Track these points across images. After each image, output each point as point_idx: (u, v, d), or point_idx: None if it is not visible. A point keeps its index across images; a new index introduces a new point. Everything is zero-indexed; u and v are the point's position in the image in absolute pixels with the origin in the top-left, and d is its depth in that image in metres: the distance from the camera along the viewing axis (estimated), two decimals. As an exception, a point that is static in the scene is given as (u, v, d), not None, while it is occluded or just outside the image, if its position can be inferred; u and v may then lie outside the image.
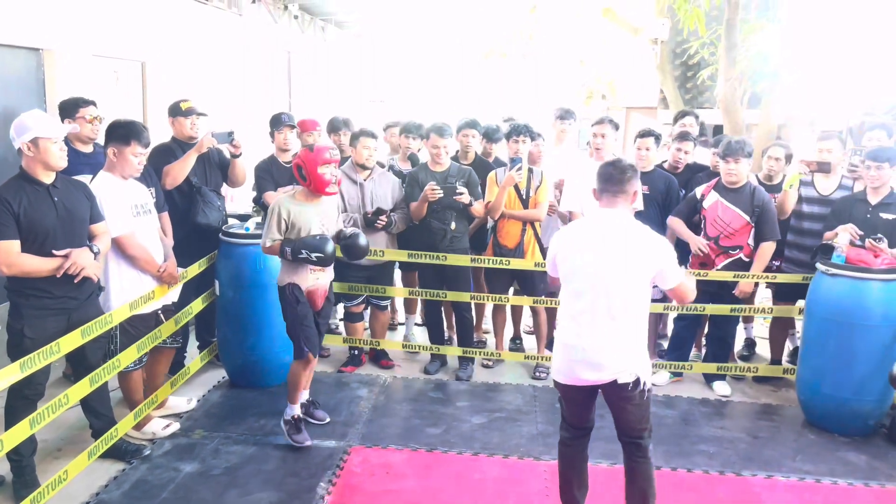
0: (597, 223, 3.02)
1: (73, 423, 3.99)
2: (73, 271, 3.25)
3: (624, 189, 2.98)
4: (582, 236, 3.01)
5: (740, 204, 4.62)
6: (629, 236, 2.92)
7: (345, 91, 12.88)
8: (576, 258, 2.95)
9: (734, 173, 4.62)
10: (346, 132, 5.55)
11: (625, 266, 2.86)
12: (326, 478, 3.61)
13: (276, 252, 3.83)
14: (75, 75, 5.38)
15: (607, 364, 2.89)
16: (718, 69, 10.32)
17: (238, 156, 4.74)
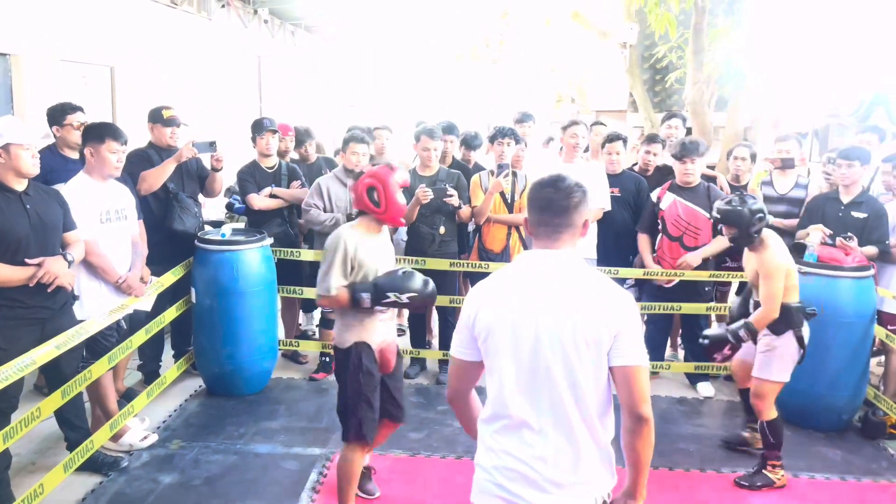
0: (531, 272, 1.97)
1: (48, 436, 3.90)
2: (47, 280, 3.17)
3: (570, 220, 1.98)
4: (509, 293, 1.96)
5: (698, 202, 4.71)
6: (579, 290, 1.91)
7: (316, 95, 12.81)
8: (501, 326, 1.94)
9: (690, 173, 4.71)
10: (311, 143, 5.54)
11: (573, 335, 1.87)
12: (310, 485, 3.57)
13: (340, 303, 3.03)
14: (43, 80, 5.27)
15: (558, 480, 1.92)
16: (686, 73, 10.49)
17: (220, 170, 4.67)
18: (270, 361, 4.79)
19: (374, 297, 3.00)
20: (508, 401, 1.94)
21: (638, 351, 1.91)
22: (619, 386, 1.93)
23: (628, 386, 1.91)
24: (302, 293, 5.17)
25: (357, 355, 3.08)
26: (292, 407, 4.52)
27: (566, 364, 1.88)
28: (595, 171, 5.13)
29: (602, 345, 1.88)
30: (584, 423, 1.91)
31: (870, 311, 4.24)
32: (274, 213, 4.99)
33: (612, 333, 1.88)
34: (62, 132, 4.20)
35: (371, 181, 3.07)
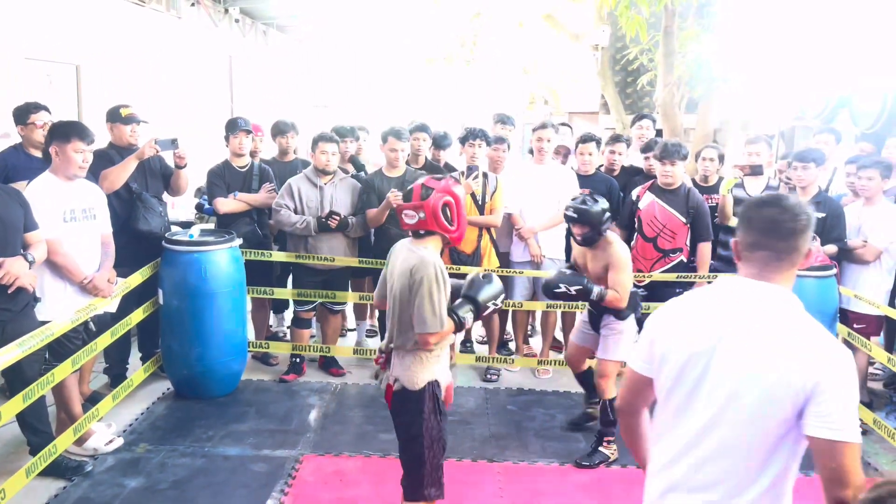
0: (734, 304, 1.75)
1: (9, 441, 3.82)
2: (7, 281, 3.12)
3: (796, 244, 1.73)
4: (704, 326, 1.75)
5: (676, 205, 4.74)
6: (790, 336, 1.67)
7: (288, 96, 12.73)
8: (691, 362, 1.75)
9: (670, 175, 4.74)
10: (293, 135, 5.47)
11: (770, 386, 1.64)
12: (278, 487, 3.55)
13: (446, 334, 2.74)
14: (7, 78, 5.17)
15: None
16: (657, 75, 10.59)
17: (183, 167, 4.62)
18: (240, 363, 4.74)
19: (475, 314, 2.83)
20: (685, 437, 1.77)
21: (850, 423, 1.60)
22: (819, 460, 1.61)
23: (834, 462, 1.59)
24: (272, 294, 5.13)
25: (433, 395, 2.76)
26: (262, 409, 4.48)
27: (747, 421, 1.65)
28: (565, 173, 5.16)
29: (790, 402, 1.62)
30: (762, 475, 1.67)
31: (832, 310, 4.32)
32: (242, 214, 4.94)
33: (815, 396, 1.60)
34: (26, 131, 4.15)
35: (448, 199, 2.77)
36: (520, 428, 4.32)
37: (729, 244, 4.98)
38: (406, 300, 2.69)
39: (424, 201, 2.74)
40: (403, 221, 2.80)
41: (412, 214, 2.76)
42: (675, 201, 4.74)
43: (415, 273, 2.65)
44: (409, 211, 2.77)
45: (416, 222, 2.76)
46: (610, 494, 3.62)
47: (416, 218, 2.76)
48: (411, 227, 2.80)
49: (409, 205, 2.76)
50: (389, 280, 2.83)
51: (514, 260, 5.08)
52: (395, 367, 2.79)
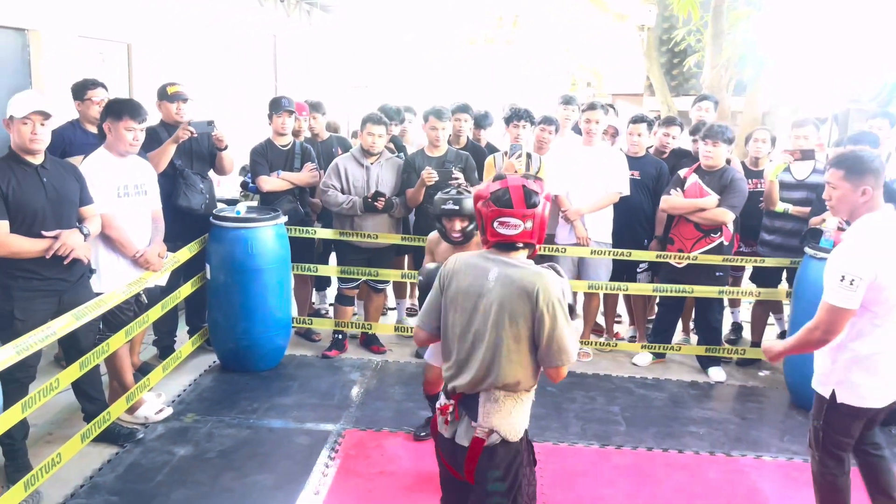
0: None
1: (64, 408, 3.96)
2: (63, 252, 3.21)
3: None
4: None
5: (714, 185, 4.68)
6: None
7: (330, 76, 12.78)
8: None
9: (711, 156, 4.67)
10: (317, 116, 5.52)
11: None
12: (322, 460, 3.62)
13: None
14: (61, 56, 5.29)
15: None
16: (704, 56, 10.37)
17: (223, 149, 4.67)
18: (284, 338, 4.83)
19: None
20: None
21: None
22: None
23: None
24: (316, 271, 5.20)
25: (529, 446, 2.40)
26: (305, 383, 4.56)
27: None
28: (615, 155, 5.10)
29: None
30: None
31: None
32: (285, 192, 5.00)
33: None
34: (83, 107, 4.27)
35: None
36: (560, 409, 4.32)
37: (774, 229, 4.92)
38: (518, 328, 2.19)
39: (533, 209, 2.25)
40: (493, 231, 2.26)
41: (515, 224, 2.24)
42: (714, 182, 4.68)
43: (540, 295, 2.16)
44: (509, 219, 2.24)
45: (518, 233, 2.25)
46: (648, 477, 3.61)
47: (521, 228, 2.24)
48: (507, 239, 2.26)
49: (513, 212, 2.23)
50: (464, 303, 2.28)
51: (559, 242, 5.06)
52: (486, 416, 2.25)
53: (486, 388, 2.24)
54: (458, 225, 3.41)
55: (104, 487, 3.30)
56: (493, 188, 2.30)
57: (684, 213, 4.76)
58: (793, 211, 4.81)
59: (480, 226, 2.33)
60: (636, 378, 4.84)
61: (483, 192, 2.32)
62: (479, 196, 2.34)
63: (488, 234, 2.29)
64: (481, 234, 2.35)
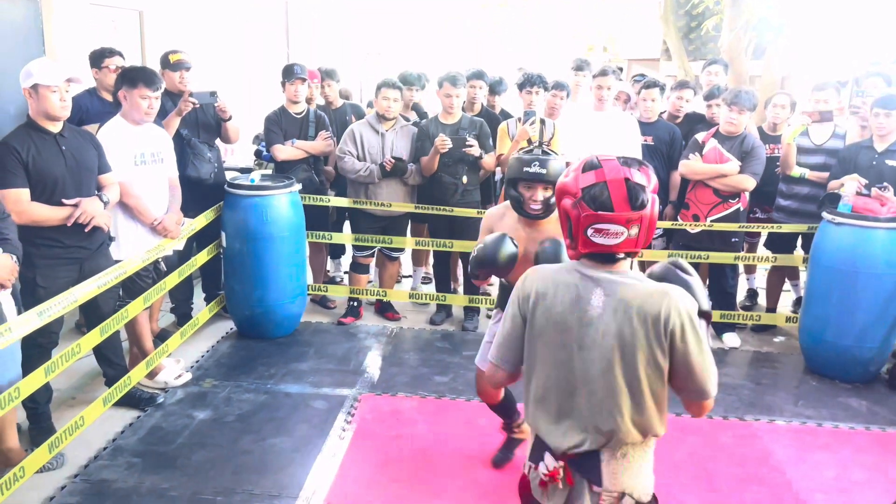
0: None
1: (86, 373, 4.05)
2: (84, 220, 3.25)
3: None
4: None
5: (734, 151, 4.64)
6: None
7: (343, 43, 12.68)
8: None
9: (735, 122, 4.61)
10: (330, 83, 5.49)
11: None
12: (339, 424, 3.68)
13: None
14: (73, 24, 5.28)
15: None
16: (723, 19, 10.17)
17: (226, 119, 4.66)
18: (299, 305, 4.88)
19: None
20: None
21: None
22: None
23: None
24: (331, 238, 5.22)
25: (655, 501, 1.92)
26: (321, 350, 4.62)
27: None
28: (627, 119, 5.05)
29: None
30: None
31: (903, 263, 4.17)
32: (299, 161, 5.00)
33: None
34: (100, 75, 4.29)
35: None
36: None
37: (790, 194, 4.87)
38: (648, 365, 1.74)
39: (640, 211, 1.70)
40: (587, 240, 1.72)
41: (616, 231, 1.70)
42: (734, 147, 4.64)
43: (673, 319, 1.70)
44: (609, 226, 1.69)
45: (621, 242, 1.71)
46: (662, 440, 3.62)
47: (624, 236, 1.70)
48: (605, 250, 1.73)
49: (614, 216, 1.68)
50: (560, 337, 1.79)
51: (572, 209, 5.02)
52: (613, 477, 1.80)
53: (610, 447, 1.79)
54: (540, 194, 2.75)
55: (126, 450, 3.38)
56: (585, 182, 1.72)
57: (704, 179, 4.72)
58: (809, 176, 4.75)
59: (567, 229, 1.78)
60: (650, 344, 4.85)
61: (570, 186, 1.75)
62: (564, 190, 1.77)
63: (579, 244, 1.74)
64: (568, 239, 1.79)
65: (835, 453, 3.58)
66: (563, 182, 1.79)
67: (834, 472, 3.41)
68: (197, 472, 3.21)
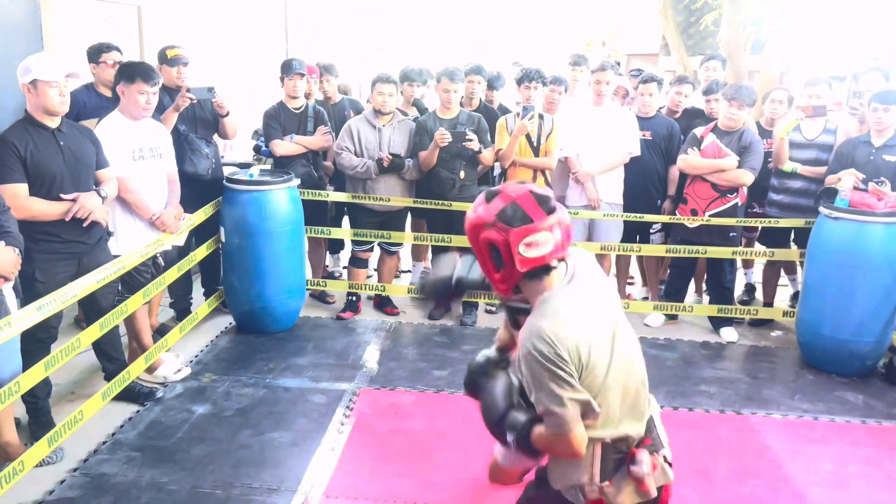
0: None
1: (86, 367, 4.06)
2: (82, 215, 3.26)
3: None
4: None
5: (732, 146, 4.65)
6: None
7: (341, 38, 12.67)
8: None
9: (734, 118, 4.62)
10: (328, 78, 5.48)
11: None
12: (338, 418, 3.69)
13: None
14: (71, 19, 5.29)
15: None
16: (722, 14, 10.17)
17: (224, 115, 4.66)
18: (298, 300, 4.88)
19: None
20: None
21: None
22: None
23: None
24: (330, 234, 5.23)
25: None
26: (320, 344, 4.63)
27: None
28: (625, 114, 5.06)
29: None
30: None
31: (900, 257, 4.18)
32: (298, 156, 5.00)
33: None
34: (97, 70, 4.29)
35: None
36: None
37: (782, 188, 4.88)
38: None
39: (556, 213, 1.83)
40: (526, 259, 1.79)
41: (545, 239, 1.80)
42: (732, 142, 4.65)
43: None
44: (537, 236, 1.79)
45: (552, 248, 1.81)
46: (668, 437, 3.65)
47: (552, 242, 1.80)
48: (544, 260, 1.82)
49: (535, 226, 1.79)
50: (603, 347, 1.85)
51: (570, 204, 5.04)
52: (663, 432, 2.13)
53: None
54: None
55: (126, 444, 3.39)
56: (495, 208, 1.78)
57: (703, 173, 4.73)
58: (801, 170, 4.77)
59: (492, 262, 1.82)
60: (648, 338, 4.87)
61: (483, 218, 1.79)
62: (478, 224, 1.80)
63: (517, 265, 1.77)
64: (499, 271, 1.82)
65: (831, 447, 3.59)
66: (473, 218, 1.83)
67: (831, 465, 3.42)
68: (196, 466, 3.23)
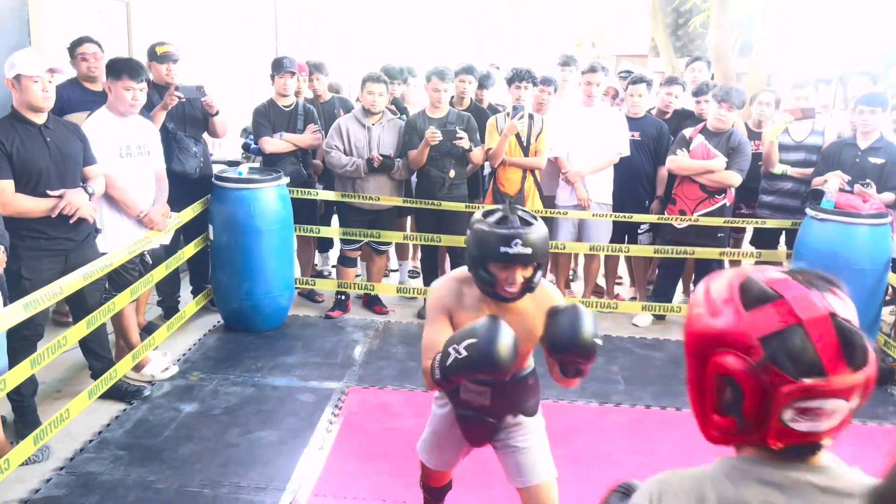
0: None
1: (72, 365, 4.03)
2: (68, 211, 3.24)
3: None
4: None
5: (721, 147, 4.69)
6: None
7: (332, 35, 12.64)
8: None
9: (723, 119, 4.65)
10: (318, 77, 5.47)
11: None
12: (326, 417, 3.68)
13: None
14: (59, 15, 5.24)
15: None
16: (711, 16, 10.23)
17: (214, 115, 4.64)
18: (287, 299, 4.87)
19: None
20: None
21: None
22: None
23: None
24: (319, 232, 5.22)
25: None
26: (309, 343, 4.62)
27: None
28: (615, 115, 5.08)
29: None
30: None
31: (885, 259, 4.23)
32: (287, 154, 4.99)
33: None
34: (75, 64, 4.27)
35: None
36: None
37: (772, 190, 4.92)
38: None
39: (866, 368, 1.00)
40: (789, 431, 0.98)
41: (835, 408, 0.99)
42: (720, 143, 4.68)
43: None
44: (827, 402, 0.98)
45: (838, 423, 1.00)
46: (645, 434, 3.68)
47: (844, 413, 1.00)
48: (817, 438, 1.01)
49: (833, 384, 0.96)
50: None
51: (560, 204, 5.06)
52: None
53: None
54: (519, 276, 1.99)
55: (112, 442, 3.37)
56: (763, 324, 0.99)
57: (691, 174, 4.75)
58: (791, 172, 4.81)
59: (718, 400, 1.06)
60: (636, 338, 4.89)
61: (733, 332, 1.01)
62: (718, 340, 1.03)
63: (769, 434, 1.00)
64: (728, 422, 1.05)
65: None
66: (714, 325, 1.03)
67: (815, 464, 3.45)
68: (183, 465, 3.21)
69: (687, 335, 1.10)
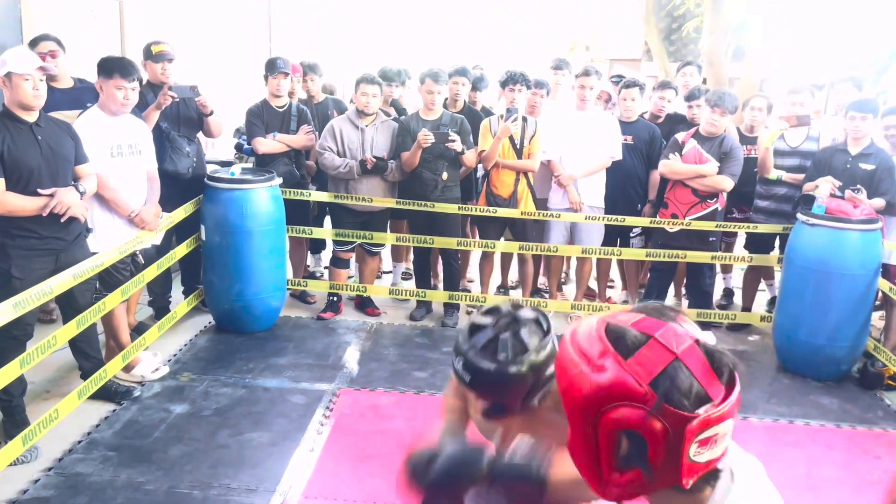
0: None
1: (62, 366, 4.00)
2: (59, 210, 3.22)
3: None
4: None
5: (713, 152, 4.70)
6: None
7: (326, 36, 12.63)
8: None
9: (716, 124, 4.67)
10: (313, 77, 5.46)
11: None
12: (317, 418, 3.67)
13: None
14: (52, 13, 5.22)
15: None
16: (704, 21, 10.27)
17: (208, 115, 4.62)
18: (279, 300, 4.86)
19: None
20: None
21: None
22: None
23: None
24: (311, 233, 5.21)
25: None
26: (300, 344, 4.61)
27: None
28: (607, 119, 5.09)
29: None
30: None
31: (875, 264, 4.25)
32: (280, 154, 4.97)
33: None
34: None
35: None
36: (551, 371, 4.38)
37: (767, 195, 4.94)
38: None
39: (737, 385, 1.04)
40: (695, 465, 0.99)
41: (725, 431, 1.02)
42: (713, 148, 4.70)
43: None
44: (720, 426, 1.00)
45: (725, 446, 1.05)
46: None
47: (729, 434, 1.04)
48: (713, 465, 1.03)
49: (722, 409, 0.99)
50: None
51: (552, 206, 5.07)
52: None
53: None
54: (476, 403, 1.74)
55: (102, 443, 3.35)
56: (648, 368, 0.98)
57: (683, 178, 4.77)
58: (786, 178, 4.83)
59: (616, 458, 1.01)
60: (627, 342, 4.89)
61: (627, 386, 0.97)
62: (611, 395, 0.98)
63: (683, 472, 0.99)
64: (630, 476, 1.01)
65: (806, 450, 3.64)
66: (600, 381, 0.99)
67: (804, 468, 3.47)
68: (173, 466, 3.20)
69: (571, 398, 1.03)
